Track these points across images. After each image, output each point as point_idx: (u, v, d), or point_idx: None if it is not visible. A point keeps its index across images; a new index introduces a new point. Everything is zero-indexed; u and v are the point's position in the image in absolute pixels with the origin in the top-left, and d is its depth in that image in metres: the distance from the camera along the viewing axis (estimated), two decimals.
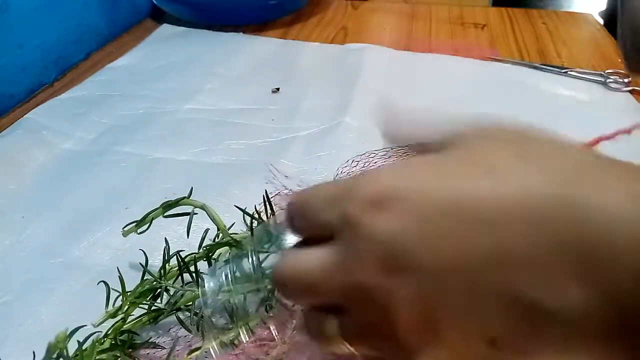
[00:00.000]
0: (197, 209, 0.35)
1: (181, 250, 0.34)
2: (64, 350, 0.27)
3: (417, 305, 0.19)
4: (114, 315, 0.32)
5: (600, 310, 0.17)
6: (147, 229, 0.35)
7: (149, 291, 0.33)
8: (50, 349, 0.26)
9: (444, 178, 0.19)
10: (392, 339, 0.20)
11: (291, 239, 0.25)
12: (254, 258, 0.27)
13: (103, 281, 0.33)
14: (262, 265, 0.27)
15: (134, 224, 0.35)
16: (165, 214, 0.35)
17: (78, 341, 0.30)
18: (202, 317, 0.29)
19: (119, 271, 0.34)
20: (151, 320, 0.33)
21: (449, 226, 0.18)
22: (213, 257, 0.34)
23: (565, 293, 0.17)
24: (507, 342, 0.18)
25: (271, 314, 0.28)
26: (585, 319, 0.17)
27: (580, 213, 0.17)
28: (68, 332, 0.28)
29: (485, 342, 0.18)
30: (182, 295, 0.32)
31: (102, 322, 0.32)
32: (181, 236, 0.39)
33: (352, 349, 0.21)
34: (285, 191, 0.34)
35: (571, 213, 0.17)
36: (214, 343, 0.28)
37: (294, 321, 0.28)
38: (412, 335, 0.19)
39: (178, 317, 0.31)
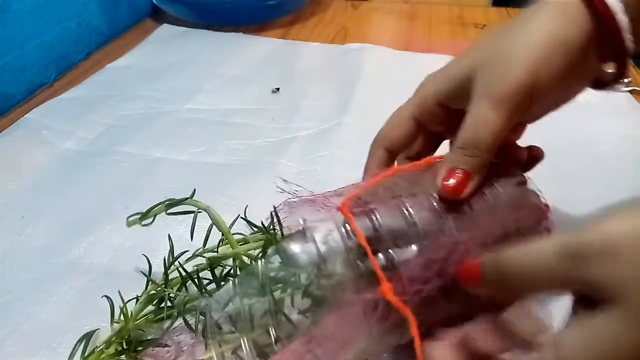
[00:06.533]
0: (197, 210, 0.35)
1: (185, 251, 0.34)
2: None
3: None
4: (119, 333, 0.32)
5: None
6: (151, 222, 0.35)
7: (153, 303, 0.32)
8: None
9: None
10: None
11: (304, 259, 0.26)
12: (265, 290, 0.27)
13: (106, 296, 0.33)
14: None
15: (138, 215, 0.35)
16: (168, 212, 0.34)
17: (84, 339, 0.29)
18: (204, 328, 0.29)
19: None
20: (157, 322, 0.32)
21: None
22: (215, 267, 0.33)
23: None
24: None
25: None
26: None
27: None
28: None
29: None
30: (185, 303, 0.32)
31: (110, 342, 0.32)
32: (181, 236, 0.39)
33: None
34: (293, 200, 0.33)
35: None
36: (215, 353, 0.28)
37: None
38: None
39: (186, 321, 0.31)
